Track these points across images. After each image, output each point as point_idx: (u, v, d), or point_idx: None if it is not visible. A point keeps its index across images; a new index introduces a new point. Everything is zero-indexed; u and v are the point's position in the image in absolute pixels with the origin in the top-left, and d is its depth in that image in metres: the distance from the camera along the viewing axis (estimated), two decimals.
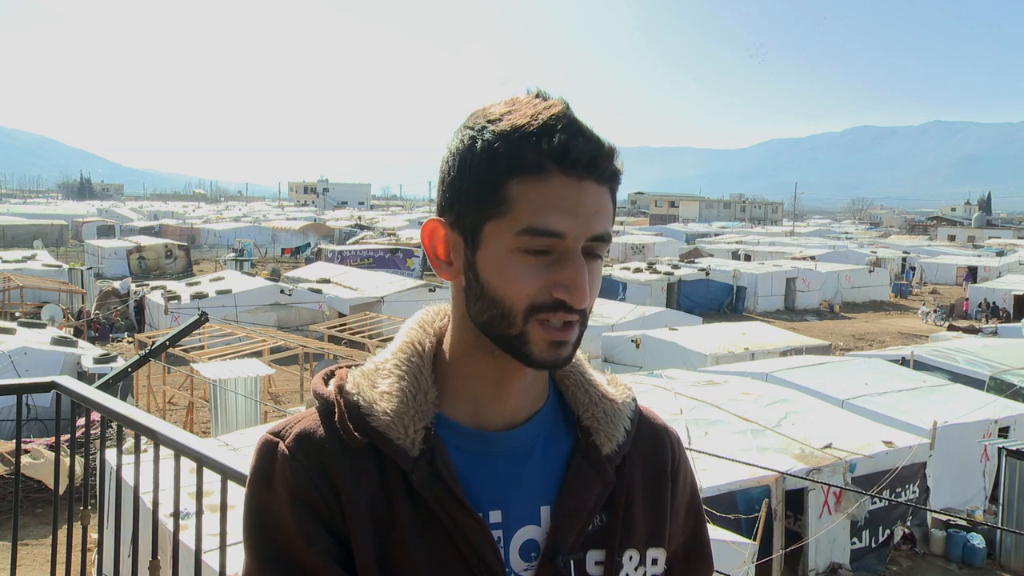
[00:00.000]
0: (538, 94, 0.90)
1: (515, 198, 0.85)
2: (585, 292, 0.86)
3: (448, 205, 0.90)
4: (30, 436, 10.57)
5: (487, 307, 0.88)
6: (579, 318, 0.88)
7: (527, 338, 0.87)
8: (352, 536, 0.88)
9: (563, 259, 0.86)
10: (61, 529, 2.71)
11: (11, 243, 47.48)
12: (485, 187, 0.86)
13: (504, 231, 0.86)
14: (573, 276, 0.85)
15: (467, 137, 0.89)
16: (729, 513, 7.89)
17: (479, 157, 0.87)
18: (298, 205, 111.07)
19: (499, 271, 0.87)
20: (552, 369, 0.93)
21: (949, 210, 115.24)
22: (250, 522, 0.92)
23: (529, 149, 0.85)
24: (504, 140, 0.86)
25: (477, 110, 0.91)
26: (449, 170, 0.90)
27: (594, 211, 0.86)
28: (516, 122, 0.86)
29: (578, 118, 0.88)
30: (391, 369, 0.95)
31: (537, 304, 0.86)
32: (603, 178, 0.87)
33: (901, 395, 11.94)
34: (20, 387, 2.75)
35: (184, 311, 19.58)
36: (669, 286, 30.29)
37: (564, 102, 0.89)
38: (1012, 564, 9.89)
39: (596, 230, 0.87)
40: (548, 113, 0.86)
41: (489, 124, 0.88)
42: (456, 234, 0.90)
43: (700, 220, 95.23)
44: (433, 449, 0.90)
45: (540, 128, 0.85)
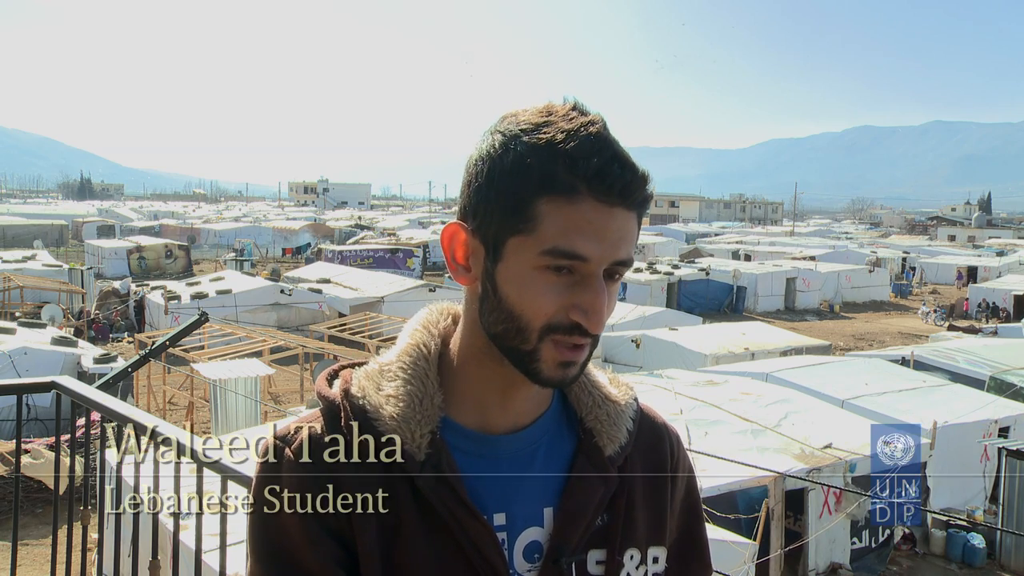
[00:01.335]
0: (575, 106, 0.87)
1: (542, 216, 0.84)
2: (603, 318, 0.86)
3: (472, 211, 0.88)
4: (30, 436, 10.55)
5: (503, 319, 0.88)
6: (590, 343, 0.88)
7: (538, 355, 0.87)
8: (357, 540, 0.88)
9: (584, 282, 0.85)
10: (61, 529, 2.70)
11: (11, 243, 47.41)
12: (513, 201, 0.85)
13: (528, 248, 0.85)
14: (592, 301, 0.85)
15: (498, 143, 0.86)
16: (729, 513, 7.89)
17: (509, 168, 0.85)
18: (298, 205, 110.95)
19: (519, 287, 0.86)
20: (559, 387, 0.93)
21: (949, 210, 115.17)
22: (253, 524, 0.92)
23: (563, 169, 0.83)
24: (537, 155, 0.84)
25: (509, 114, 0.89)
26: (477, 175, 0.87)
27: (620, 236, 0.85)
28: (552, 137, 0.84)
29: (614, 139, 0.86)
30: (396, 372, 0.94)
31: (554, 324, 0.86)
32: (633, 205, 0.86)
33: (901, 395, 11.93)
34: (20, 387, 2.75)
35: (184, 311, 19.55)
36: (669, 286, 30.26)
37: (602, 120, 0.86)
38: (1012, 564, 9.89)
39: (620, 255, 0.86)
40: (586, 132, 0.84)
41: (523, 134, 0.85)
42: (477, 241, 0.88)
43: (700, 220, 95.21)
44: (439, 453, 0.90)
45: (576, 148, 0.83)
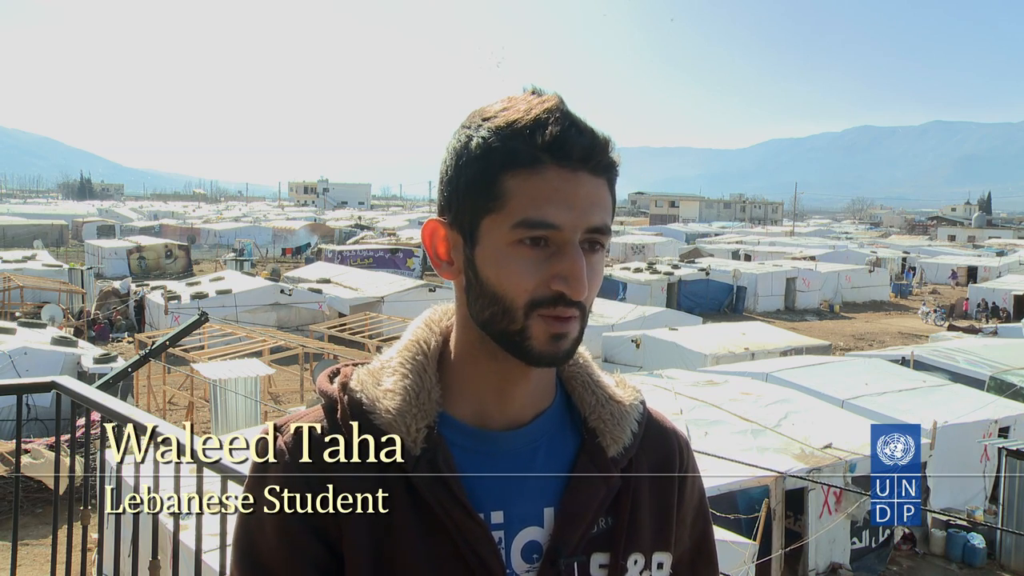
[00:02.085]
0: (533, 91, 0.90)
1: (510, 192, 0.85)
2: (583, 283, 0.85)
3: (447, 204, 0.90)
4: (30, 436, 10.55)
5: (488, 304, 0.88)
6: (579, 313, 0.88)
7: (528, 333, 0.87)
8: (345, 536, 0.88)
9: (561, 251, 0.86)
10: (61, 529, 2.70)
11: (11, 243, 47.38)
12: (480, 183, 0.87)
13: (500, 225, 0.86)
14: (571, 267, 0.85)
15: (463, 136, 0.89)
16: (729, 513, 7.89)
17: (474, 154, 0.87)
18: (298, 205, 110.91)
19: (497, 266, 0.87)
20: (552, 365, 0.91)
21: (949, 210, 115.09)
22: (238, 519, 0.93)
23: (523, 143, 0.85)
24: (498, 135, 0.86)
25: (475, 110, 0.92)
26: (447, 170, 0.90)
27: (590, 202, 0.86)
28: (510, 117, 0.87)
29: (572, 111, 0.88)
30: (395, 367, 0.94)
31: (537, 299, 0.86)
32: (599, 169, 0.87)
33: (901, 395, 11.93)
34: (20, 387, 2.76)
35: (184, 311, 19.54)
36: (669, 286, 30.24)
37: (558, 96, 0.89)
38: (1012, 564, 9.89)
39: (594, 221, 0.86)
40: (542, 107, 0.87)
41: (484, 122, 0.88)
42: (455, 232, 0.90)
43: (700, 220, 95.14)
44: (435, 449, 0.89)
45: (533, 122, 0.86)
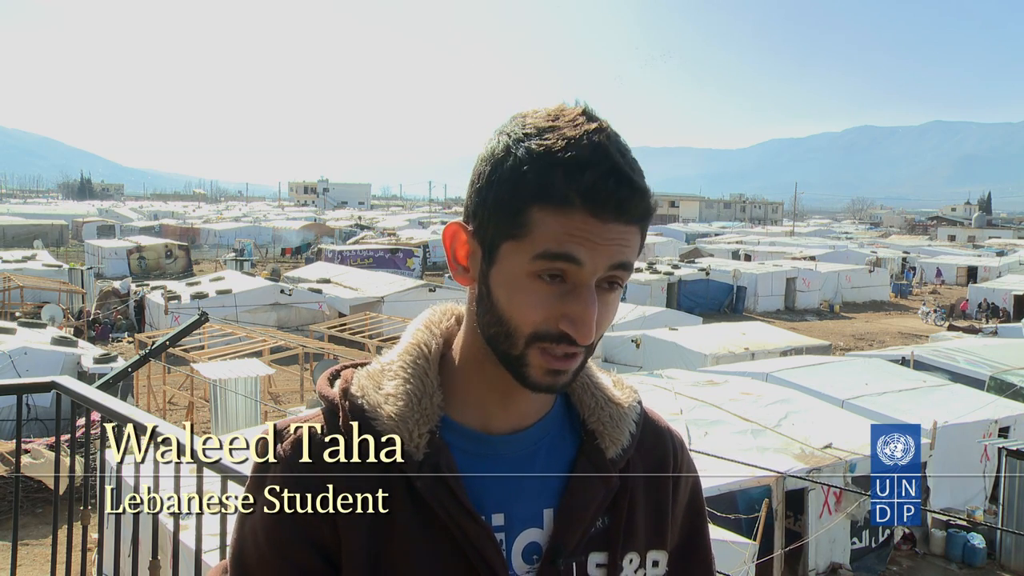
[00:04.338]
0: (584, 111, 0.87)
1: (535, 223, 0.83)
2: (591, 330, 0.84)
3: (473, 212, 0.89)
4: (30, 436, 10.55)
5: (494, 323, 0.88)
6: (582, 351, 0.87)
7: (525, 361, 0.87)
8: (343, 541, 0.88)
9: (575, 292, 0.84)
10: (61, 529, 2.70)
11: (11, 243, 47.36)
12: (508, 208, 0.85)
13: (521, 253, 0.85)
14: (581, 312, 0.84)
15: (502, 145, 0.86)
16: (729, 513, 7.89)
17: (507, 175, 0.85)
18: (298, 205, 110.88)
19: (510, 291, 0.86)
20: (549, 392, 0.92)
21: (949, 210, 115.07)
22: (236, 521, 0.94)
23: (558, 179, 0.83)
24: (534, 163, 0.83)
25: (519, 114, 0.89)
26: (479, 176, 0.88)
27: (617, 246, 0.84)
28: (552, 144, 0.83)
29: (619, 149, 0.85)
30: (397, 371, 0.94)
31: (541, 333, 0.85)
32: (631, 221, 0.85)
33: (901, 395, 11.92)
34: (20, 387, 2.76)
35: (184, 311, 19.53)
36: (669, 286, 30.22)
37: (607, 129, 0.85)
38: (1012, 564, 9.88)
39: (616, 259, 0.85)
40: (587, 141, 0.83)
41: (526, 138, 0.85)
42: (476, 243, 0.89)
43: (700, 220, 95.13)
44: (438, 453, 0.89)
45: (573, 159, 0.82)
